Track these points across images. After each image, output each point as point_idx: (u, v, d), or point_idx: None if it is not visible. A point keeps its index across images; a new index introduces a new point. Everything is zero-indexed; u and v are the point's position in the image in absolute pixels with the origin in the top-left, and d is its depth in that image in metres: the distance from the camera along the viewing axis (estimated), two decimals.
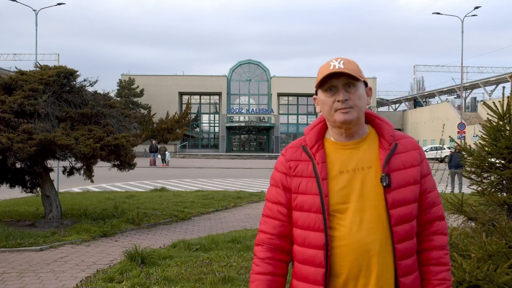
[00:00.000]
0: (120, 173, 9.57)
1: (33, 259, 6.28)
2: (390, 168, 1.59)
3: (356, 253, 1.54)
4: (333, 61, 1.61)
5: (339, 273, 1.56)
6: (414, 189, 1.60)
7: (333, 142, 1.66)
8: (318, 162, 1.62)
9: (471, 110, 51.82)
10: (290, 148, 1.72)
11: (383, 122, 1.68)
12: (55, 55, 58.05)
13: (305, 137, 1.71)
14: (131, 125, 9.43)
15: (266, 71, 55.41)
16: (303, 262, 1.62)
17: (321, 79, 1.61)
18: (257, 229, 6.88)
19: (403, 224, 1.56)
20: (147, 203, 10.96)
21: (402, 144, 1.65)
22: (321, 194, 1.58)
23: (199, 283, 4.92)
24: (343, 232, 1.56)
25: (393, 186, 1.57)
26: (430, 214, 1.66)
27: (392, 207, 1.56)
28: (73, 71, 8.64)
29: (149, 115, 47.41)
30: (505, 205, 3.50)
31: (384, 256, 1.55)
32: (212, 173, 23.96)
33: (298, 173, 1.65)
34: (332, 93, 1.61)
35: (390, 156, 1.60)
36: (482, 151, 3.65)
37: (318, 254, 1.57)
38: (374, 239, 1.54)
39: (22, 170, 9.00)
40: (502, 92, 3.76)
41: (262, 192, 14.13)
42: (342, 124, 1.60)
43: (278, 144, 50.68)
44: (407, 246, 1.57)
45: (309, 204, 1.60)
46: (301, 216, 1.62)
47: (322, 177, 1.59)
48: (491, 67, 60.67)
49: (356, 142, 1.64)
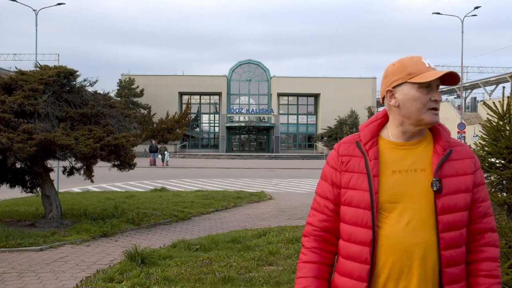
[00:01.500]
0: (120, 173, 9.57)
1: (33, 259, 6.28)
2: (442, 173, 1.57)
3: (399, 254, 1.53)
4: (425, 59, 1.61)
5: (381, 272, 1.56)
6: (466, 197, 1.58)
7: (389, 141, 1.65)
8: (370, 158, 1.61)
9: (471, 110, 51.83)
10: (344, 143, 1.71)
11: (440, 127, 1.66)
12: (55, 55, 58.01)
13: (360, 133, 1.70)
14: (131, 125, 9.43)
15: (266, 71, 55.39)
16: (347, 258, 1.62)
17: (429, 77, 1.56)
18: (257, 229, 6.91)
19: (451, 231, 1.54)
20: (147, 203, 10.95)
21: (457, 152, 1.62)
22: (371, 190, 1.57)
23: (199, 283, 4.92)
24: (388, 231, 1.55)
25: (444, 192, 1.55)
26: (481, 224, 1.62)
27: (441, 213, 1.54)
28: (73, 71, 8.64)
29: (149, 115, 47.37)
30: (505, 205, 3.49)
31: (427, 261, 1.53)
32: (212, 173, 23.95)
33: (350, 168, 1.64)
34: (428, 91, 1.58)
35: (444, 161, 1.58)
36: (482, 151, 3.65)
37: (364, 251, 1.57)
38: (418, 242, 1.53)
39: (22, 170, 9.00)
40: (502, 92, 3.77)
41: (262, 192, 14.14)
42: (428, 125, 1.60)
43: (278, 144, 50.65)
44: (454, 254, 1.55)
45: (357, 199, 1.60)
46: (348, 211, 1.62)
47: (373, 174, 1.59)
48: (491, 67, 60.73)
49: (413, 143, 1.63)
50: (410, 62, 1.61)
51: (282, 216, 10.06)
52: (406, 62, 1.62)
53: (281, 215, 10.21)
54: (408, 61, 1.62)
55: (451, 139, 1.65)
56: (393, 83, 1.62)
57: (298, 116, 56.67)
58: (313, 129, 55.85)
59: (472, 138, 29.89)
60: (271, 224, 8.92)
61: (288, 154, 47.27)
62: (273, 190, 15.39)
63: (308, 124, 56.52)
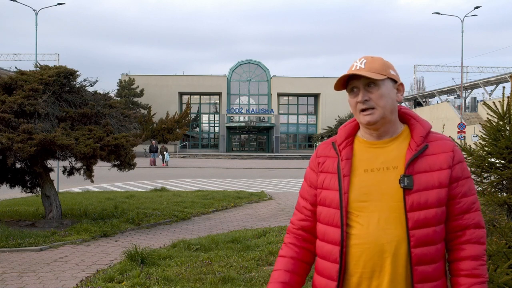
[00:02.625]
0: (120, 173, 9.57)
1: (33, 259, 6.28)
2: (414, 169, 1.54)
3: (370, 253, 1.53)
4: (356, 62, 1.61)
5: (354, 271, 1.56)
6: (440, 193, 1.53)
7: (363, 141, 1.66)
8: (342, 158, 1.63)
9: (471, 110, 51.80)
10: (322, 144, 1.75)
11: (417, 122, 1.64)
12: (55, 55, 58.03)
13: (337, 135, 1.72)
14: (131, 125, 9.43)
15: (266, 71, 55.39)
16: (321, 257, 1.65)
17: (340, 81, 1.60)
18: (257, 229, 6.91)
19: (422, 228, 1.51)
20: (147, 203, 10.95)
21: (434, 146, 1.58)
22: (340, 190, 1.59)
23: (199, 283, 4.92)
24: (359, 230, 1.55)
25: (415, 188, 1.52)
26: (462, 220, 1.57)
27: (410, 210, 1.51)
28: (73, 71, 8.64)
29: (149, 115, 47.37)
30: (505, 205, 3.49)
31: (398, 259, 1.51)
32: (212, 173, 23.95)
33: (325, 169, 1.68)
34: (355, 94, 1.60)
35: (416, 157, 1.55)
36: (482, 151, 3.65)
37: (334, 250, 1.59)
38: (389, 240, 1.52)
39: (22, 170, 9.00)
40: (502, 92, 3.76)
41: (262, 192, 14.14)
42: (367, 126, 1.61)
43: (278, 144, 50.66)
44: (426, 252, 1.51)
45: (330, 199, 1.62)
46: (323, 211, 1.65)
47: (344, 174, 1.60)
48: (491, 67, 60.67)
49: (385, 141, 1.62)
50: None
51: (282, 216, 10.06)
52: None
53: (281, 215, 10.20)
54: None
55: (431, 134, 1.62)
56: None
57: (298, 116, 56.68)
58: (313, 129, 55.85)
59: (472, 138, 29.87)
60: (271, 224, 8.92)
61: (288, 154, 47.27)
62: (273, 190, 15.39)
63: (308, 124, 56.53)
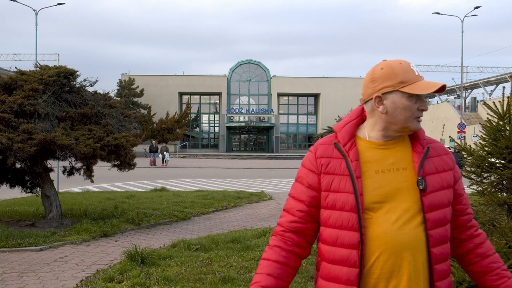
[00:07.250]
0: (120, 173, 9.57)
1: (33, 259, 6.28)
2: (424, 171, 1.58)
3: (388, 253, 1.53)
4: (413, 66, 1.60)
5: (371, 273, 1.54)
6: (448, 193, 1.61)
7: (368, 141, 1.64)
8: (352, 160, 1.59)
9: (471, 110, 51.80)
10: (321, 144, 1.68)
11: None
12: (55, 55, 57.98)
13: (337, 134, 1.68)
14: (131, 125, 9.43)
15: (266, 71, 55.39)
16: (334, 262, 1.59)
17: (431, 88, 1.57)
18: (257, 229, 6.88)
19: (438, 228, 1.56)
20: (147, 203, 10.95)
21: (434, 148, 1.65)
22: (355, 192, 1.55)
23: (199, 283, 4.92)
24: (377, 232, 1.54)
25: (429, 190, 1.56)
26: (467, 215, 1.70)
27: (428, 211, 1.55)
28: (73, 71, 8.64)
29: (149, 115, 47.37)
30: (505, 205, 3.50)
31: (417, 258, 1.53)
32: (212, 173, 23.95)
33: (330, 171, 1.62)
34: (416, 100, 1.59)
35: (424, 159, 1.60)
36: (482, 151, 3.65)
37: (352, 254, 1.55)
38: (408, 240, 1.53)
39: (22, 170, 9.01)
40: (502, 92, 3.77)
41: (262, 192, 14.14)
42: (411, 132, 1.62)
43: (278, 144, 50.65)
44: (442, 251, 1.57)
45: (342, 202, 1.57)
46: (332, 215, 1.59)
47: (356, 175, 1.57)
48: (491, 67, 60.64)
49: (391, 142, 1.63)
50: (400, 69, 1.58)
51: None
52: (396, 68, 1.58)
53: None
54: (398, 68, 1.58)
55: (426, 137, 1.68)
56: (383, 89, 1.59)
57: (298, 116, 56.68)
58: (313, 129, 55.84)
59: (472, 138, 29.86)
60: (271, 224, 8.92)
61: (288, 154, 47.27)
62: (273, 190, 15.39)
63: (308, 124, 56.51)
